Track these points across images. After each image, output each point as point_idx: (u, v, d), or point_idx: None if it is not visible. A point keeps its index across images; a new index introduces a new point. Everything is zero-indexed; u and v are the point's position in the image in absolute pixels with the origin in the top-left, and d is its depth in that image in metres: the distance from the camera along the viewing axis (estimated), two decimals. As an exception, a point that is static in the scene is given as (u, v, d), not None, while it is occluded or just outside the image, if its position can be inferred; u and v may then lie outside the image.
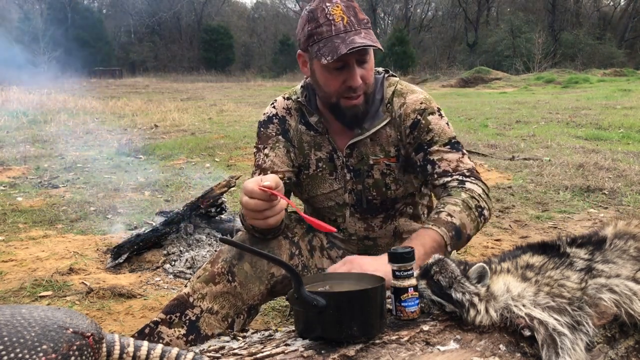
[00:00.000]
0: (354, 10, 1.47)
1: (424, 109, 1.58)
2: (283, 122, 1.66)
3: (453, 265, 1.22)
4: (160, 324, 1.40)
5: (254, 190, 1.23)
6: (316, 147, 1.65)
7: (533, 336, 1.16)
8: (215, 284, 1.43)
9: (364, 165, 1.62)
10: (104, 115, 10.83)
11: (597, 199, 4.00)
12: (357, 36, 1.44)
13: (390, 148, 1.61)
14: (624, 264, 1.27)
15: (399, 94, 1.62)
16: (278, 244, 1.54)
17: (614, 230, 1.38)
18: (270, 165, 1.60)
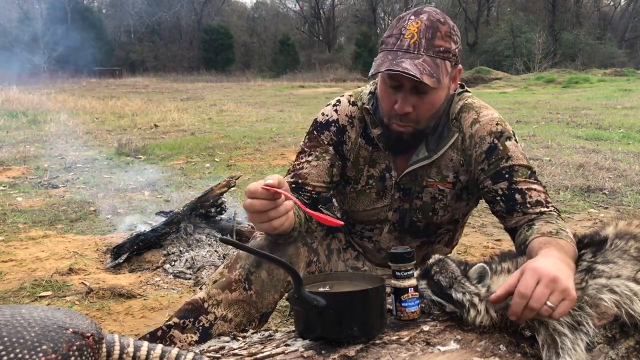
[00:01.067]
0: (434, 33, 1.34)
1: (500, 133, 1.45)
2: (341, 133, 1.56)
3: (453, 265, 1.22)
4: (174, 328, 1.37)
5: (256, 190, 1.16)
6: (371, 164, 1.57)
7: (533, 336, 1.16)
8: (231, 291, 1.40)
9: (416, 185, 1.53)
10: (104, 115, 10.83)
11: (598, 199, 3.99)
12: (412, 60, 1.32)
13: (449, 173, 1.51)
14: (624, 264, 1.27)
15: (468, 108, 1.50)
16: (296, 252, 1.48)
17: (614, 231, 1.38)
18: (305, 173, 1.53)
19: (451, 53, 1.36)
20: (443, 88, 1.39)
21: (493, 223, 3.51)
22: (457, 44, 1.38)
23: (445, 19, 1.37)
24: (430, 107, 1.41)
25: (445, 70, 1.36)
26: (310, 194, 1.54)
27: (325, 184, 1.55)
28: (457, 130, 1.48)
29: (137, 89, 21.19)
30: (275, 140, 7.18)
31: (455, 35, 1.38)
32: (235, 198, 4.08)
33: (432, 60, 1.33)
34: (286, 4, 50.69)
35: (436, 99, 1.40)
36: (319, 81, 28.18)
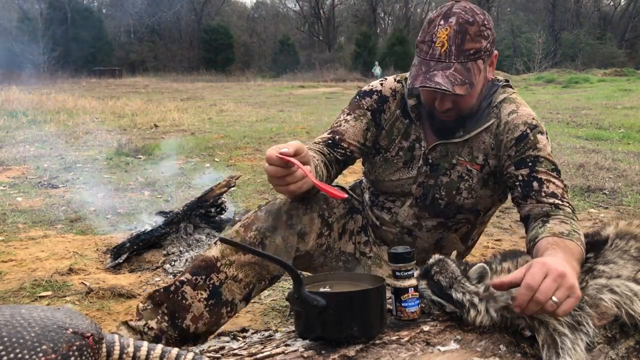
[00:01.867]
0: (463, 38, 1.40)
1: (535, 125, 1.50)
2: (382, 102, 1.65)
3: (453, 265, 1.22)
4: (186, 284, 1.41)
5: (271, 157, 1.24)
6: (404, 136, 1.64)
7: (533, 336, 1.16)
8: (244, 253, 1.44)
9: (445, 162, 1.59)
10: (104, 115, 10.82)
11: (598, 199, 3.99)
12: (443, 72, 1.39)
13: (479, 154, 1.57)
14: (624, 264, 1.27)
15: (510, 101, 1.57)
16: (310, 220, 1.53)
17: (615, 231, 1.38)
18: (343, 130, 1.63)
19: (482, 51, 1.42)
20: (480, 81, 1.46)
21: (493, 223, 3.51)
22: (487, 38, 1.43)
23: (474, 16, 1.42)
24: (470, 100, 1.48)
25: (478, 70, 1.42)
26: (345, 151, 1.62)
27: (359, 144, 1.63)
28: (495, 117, 1.54)
29: (137, 89, 21.18)
30: (275, 140, 7.17)
31: (487, 30, 1.43)
32: (235, 198, 4.09)
33: (463, 66, 1.40)
34: (286, 4, 50.70)
35: (475, 92, 1.47)
36: (319, 81, 28.16)
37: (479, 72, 1.43)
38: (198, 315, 1.39)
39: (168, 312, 1.40)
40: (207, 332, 1.43)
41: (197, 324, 1.40)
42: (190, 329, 1.39)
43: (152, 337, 1.39)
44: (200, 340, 1.43)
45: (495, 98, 1.57)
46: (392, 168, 1.65)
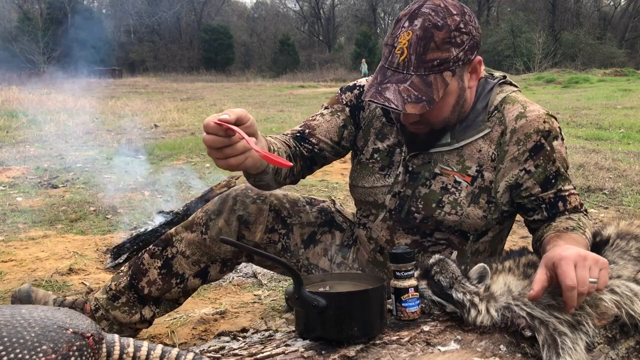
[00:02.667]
0: (426, 46, 1.21)
1: (548, 132, 1.35)
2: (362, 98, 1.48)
3: (454, 265, 1.22)
4: (146, 252, 1.61)
5: (208, 123, 1.07)
6: (380, 137, 1.47)
7: (533, 336, 1.16)
8: (191, 231, 1.55)
9: (426, 170, 1.39)
10: (104, 115, 10.82)
11: (598, 199, 3.99)
12: (397, 85, 1.23)
13: (473, 165, 1.36)
14: (625, 264, 1.27)
15: (512, 100, 1.38)
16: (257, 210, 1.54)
17: (615, 231, 1.38)
18: (316, 124, 1.50)
19: (451, 62, 1.23)
20: (451, 93, 1.28)
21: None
22: (460, 46, 1.23)
23: (445, 19, 1.22)
24: (439, 113, 1.30)
25: (443, 84, 1.24)
26: (313, 147, 1.49)
27: (331, 141, 1.50)
28: (499, 122, 1.36)
29: (137, 88, 21.19)
30: (275, 140, 7.17)
31: (461, 35, 1.23)
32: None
33: (423, 79, 1.23)
34: (286, 4, 50.71)
35: (444, 105, 1.29)
36: (319, 81, 28.18)
37: (444, 85, 1.24)
38: (152, 280, 1.57)
39: (129, 275, 1.59)
40: (160, 298, 1.59)
41: (151, 288, 1.57)
42: (145, 291, 1.57)
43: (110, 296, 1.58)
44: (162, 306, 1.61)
45: (493, 99, 1.38)
46: (367, 172, 1.49)
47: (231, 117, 1.08)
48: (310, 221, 1.62)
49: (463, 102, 1.33)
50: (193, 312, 2.16)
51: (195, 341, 1.93)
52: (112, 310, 1.57)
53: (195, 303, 2.27)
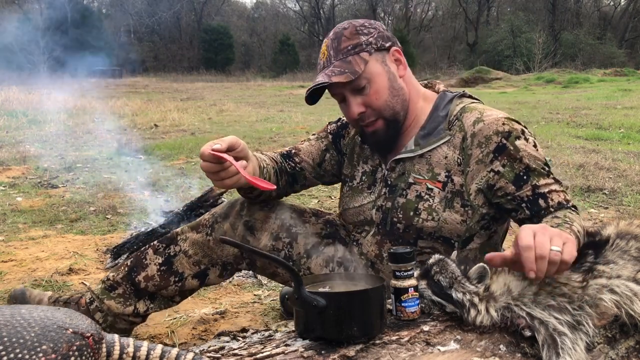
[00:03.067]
0: (339, 40, 1.42)
1: (509, 132, 1.37)
2: (343, 128, 1.67)
3: (453, 265, 1.22)
4: (150, 247, 1.63)
5: (204, 153, 1.30)
6: (364, 160, 1.60)
7: (533, 336, 1.16)
8: (197, 232, 1.60)
9: (401, 181, 1.48)
10: (104, 115, 10.82)
11: (598, 199, 3.99)
12: (323, 72, 1.42)
13: (441, 171, 1.43)
14: (624, 264, 1.27)
15: (470, 109, 1.45)
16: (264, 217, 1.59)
17: (615, 230, 1.38)
18: (301, 146, 1.68)
19: (363, 44, 1.41)
20: (378, 74, 1.42)
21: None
22: (368, 35, 1.42)
23: (351, 23, 1.44)
24: (378, 96, 1.43)
25: (362, 61, 1.39)
26: (295, 165, 1.65)
27: (313, 162, 1.65)
28: (459, 129, 1.43)
29: (137, 88, 21.20)
30: (275, 140, 7.18)
31: (367, 29, 1.43)
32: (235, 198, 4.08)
33: (342, 61, 1.40)
34: (286, 4, 50.70)
35: (379, 87, 1.42)
36: (319, 81, 28.12)
37: (363, 62, 1.39)
38: (150, 275, 1.59)
39: (129, 267, 1.61)
40: (156, 294, 1.61)
41: (148, 283, 1.59)
42: (141, 285, 1.59)
43: (107, 286, 1.61)
44: (156, 302, 1.63)
45: (453, 109, 1.47)
46: (357, 194, 1.59)
47: (223, 146, 1.30)
48: (315, 232, 1.64)
49: (399, 88, 1.45)
50: (193, 312, 2.17)
51: (195, 341, 1.93)
52: (107, 300, 1.60)
53: (195, 303, 2.27)
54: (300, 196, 4.16)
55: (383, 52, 1.44)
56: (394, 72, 1.45)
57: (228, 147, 1.31)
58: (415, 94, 1.50)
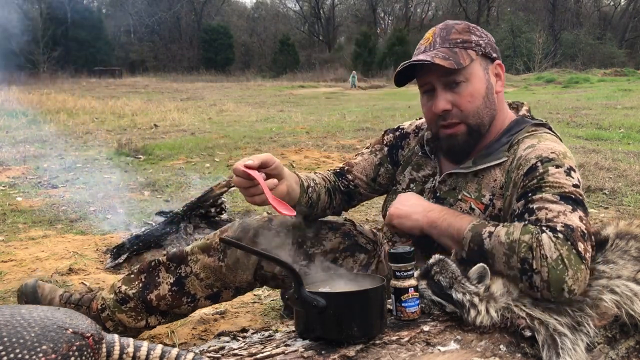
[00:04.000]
0: (448, 30, 1.35)
1: (548, 158, 1.26)
2: (402, 139, 1.60)
3: (454, 265, 1.22)
4: (162, 265, 1.56)
5: (236, 168, 1.29)
6: (416, 168, 1.54)
7: (534, 336, 1.16)
8: (208, 255, 1.53)
9: (451, 197, 1.42)
10: (104, 115, 10.82)
11: (598, 199, 3.99)
12: (425, 53, 1.32)
13: (487, 193, 1.37)
14: (624, 264, 1.27)
15: (532, 137, 1.35)
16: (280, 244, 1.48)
17: (615, 230, 1.38)
18: (355, 162, 1.63)
19: (473, 43, 1.34)
20: (478, 77, 1.34)
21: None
22: (480, 37, 1.36)
23: (464, 22, 1.39)
24: (471, 99, 1.34)
25: (468, 56, 1.32)
26: (349, 183, 1.61)
27: (366, 178, 1.61)
28: (513, 153, 1.35)
29: (137, 89, 21.19)
30: (275, 140, 7.18)
31: (478, 32, 1.37)
32: (235, 198, 4.08)
33: (448, 49, 1.32)
34: (286, 4, 50.72)
35: (474, 90, 1.34)
36: (319, 81, 28.18)
37: (469, 58, 1.32)
38: (162, 295, 1.54)
39: (143, 283, 1.56)
40: (168, 311, 1.57)
41: (160, 302, 1.54)
42: (153, 303, 1.54)
43: (119, 299, 1.56)
44: (168, 317, 1.59)
45: (518, 135, 1.38)
46: None
47: (255, 162, 1.28)
48: (333, 248, 1.60)
49: (492, 101, 1.38)
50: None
51: (195, 341, 1.93)
52: (119, 313, 1.56)
53: (195, 303, 2.26)
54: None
55: (488, 60, 1.37)
56: (492, 84, 1.38)
57: (261, 164, 1.29)
58: (502, 116, 1.42)
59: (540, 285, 1.12)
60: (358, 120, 9.56)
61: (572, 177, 1.24)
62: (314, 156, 5.97)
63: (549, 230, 1.14)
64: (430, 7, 48.11)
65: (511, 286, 1.19)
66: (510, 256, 1.15)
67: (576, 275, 1.11)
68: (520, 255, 1.14)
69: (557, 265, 1.11)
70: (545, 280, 1.11)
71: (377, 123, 8.93)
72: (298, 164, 5.49)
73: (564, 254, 1.11)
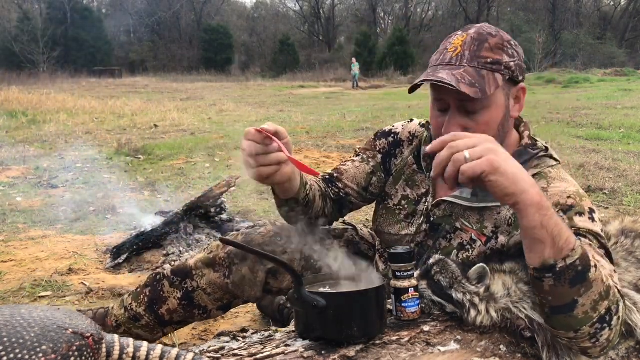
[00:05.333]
0: (480, 45, 1.22)
1: (570, 206, 1.19)
2: (396, 146, 1.50)
3: (454, 265, 1.22)
4: (165, 279, 1.51)
5: (249, 131, 1.17)
6: (409, 184, 1.46)
7: (534, 337, 1.16)
8: (214, 271, 1.47)
9: (447, 223, 1.35)
10: (104, 115, 10.82)
11: (598, 199, 3.99)
12: (450, 71, 1.20)
13: (489, 224, 1.31)
14: (628, 267, 1.25)
15: (541, 177, 1.27)
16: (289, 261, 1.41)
17: (620, 226, 1.35)
18: (345, 169, 1.52)
19: (503, 65, 1.22)
20: (498, 105, 1.24)
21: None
22: (512, 57, 1.23)
23: (498, 32, 1.25)
24: (485, 129, 1.21)
25: (494, 83, 1.20)
26: (339, 191, 1.51)
27: (357, 187, 1.51)
28: None
29: (137, 89, 21.19)
30: (275, 140, 7.17)
31: (511, 49, 1.24)
32: (235, 198, 4.08)
33: (476, 71, 1.20)
34: (286, 4, 50.72)
35: (491, 119, 1.23)
36: (319, 81, 28.19)
37: (496, 86, 1.20)
38: (172, 309, 1.50)
39: (148, 298, 1.51)
40: (182, 322, 1.55)
41: (172, 315, 1.50)
42: (166, 317, 1.51)
43: (131, 316, 1.53)
44: (182, 324, 1.57)
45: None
46: (393, 219, 1.48)
47: (271, 128, 1.18)
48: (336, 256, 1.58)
49: (506, 129, 1.28)
50: (193, 312, 2.16)
51: (195, 341, 1.93)
52: (135, 330, 1.54)
53: (195, 303, 2.26)
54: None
55: (512, 84, 1.26)
56: (510, 109, 1.28)
57: (275, 132, 1.19)
58: (508, 141, 1.33)
59: (602, 342, 1.06)
60: (358, 120, 9.56)
61: (596, 220, 1.19)
62: (314, 156, 5.97)
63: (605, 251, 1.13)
64: (431, 7, 48.13)
65: (511, 290, 1.19)
66: (603, 299, 1.04)
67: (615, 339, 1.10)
68: (610, 304, 1.05)
69: (620, 329, 1.08)
70: (610, 340, 1.06)
71: (377, 123, 8.93)
72: (298, 164, 5.48)
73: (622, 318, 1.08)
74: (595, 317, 1.04)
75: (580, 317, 1.03)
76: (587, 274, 1.02)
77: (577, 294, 1.02)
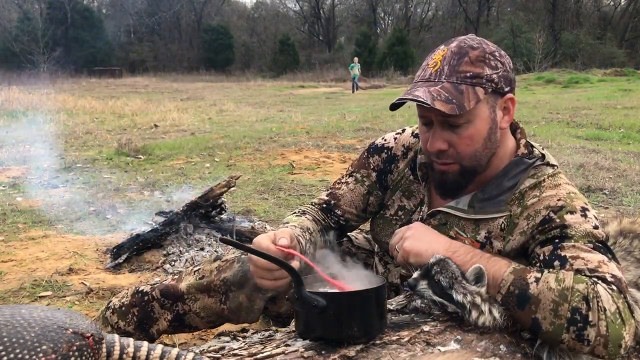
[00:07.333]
0: (460, 59, 1.20)
1: (560, 207, 1.21)
2: (390, 162, 1.48)
3: (454, 265, 1.22)
4: (155, 301, 1.47)
5: (269, 248, 1.17)
6: (406, 194, 1.46)
7: (534, 337, 1.16)
8: (209, 296, 1.43)
9: (441, 232, 1.34)
10: (104, 115, 10.83)
11: (598, 199, 3.99)
12: (427, 88, 1.20)
13: (482, 231, 1.31)
14: (627, 266, 1.25)
15: (537, 187, 1.27)
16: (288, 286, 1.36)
17: (618, 227, 1.36)
18: (341, 194, 1.51)
19: (484, 78, 1.20)
20: (482, 119, 1.23)
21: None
22: (495, 69, 1.22)
23: (481, 44, 1.23)
24: (470, 142, 1.24)
25: (474, 97, 1.19)
26: (339, 219, 1.51)
27: (356, 210, 1.51)
28: (517, 206, 1.27)
29: (137, 89, 21.20)
30: (275, 140, 7.18)
31: (495, 61, 1.22)
32: (235, 198, 4.08)
33: (454, 86, 1.19)
34: (286, 4, 50.72)
35: (475, 132, 1.23)
36: (319, 81, 28.20)
37: (476, 99, 1.19)
38: (162, 330, 1.49)
39: (137, 317, 1.48)
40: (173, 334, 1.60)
41: (162, 333, 1.51)
42: (156, 336, 1.50)
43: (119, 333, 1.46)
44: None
45: (522, 183, 1.29)
46: (390, 229, 1.46)
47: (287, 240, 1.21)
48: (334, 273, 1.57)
49: (494, 141, 1.27)
50: (193, 312, 2.16)
51: (195, 341, 1.92)
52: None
53: (195, 303, 2.26)
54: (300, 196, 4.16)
55: (498, 95, 1.24)
56: (497, 121, 1.26)
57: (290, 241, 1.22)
58: (502, 151, 1.31)
59: (595, 340, 1.05)
60: (358, 120, 9.56)
61: (589, 217, 1.20)
62: (314, 156, 5.97)
63: (602, 282, 1.09)
64: (431, 7, 48.13)
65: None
66: (560, 304, 1.07)
67: (631, 330, 1.07)
68: (572, 304, 1.06)
69: (616, 319, 1.05)
70: (603, 335, 1.05)
71: (377, 123, 8.93)
72: (298, 164, 5.49)
73: (621, 307, 1.07)
74: (565, 323, 1.07)
75: (552, 329, 1.08)
76: (527, 292, 1.10)
77: (532, 313, 1.10)
